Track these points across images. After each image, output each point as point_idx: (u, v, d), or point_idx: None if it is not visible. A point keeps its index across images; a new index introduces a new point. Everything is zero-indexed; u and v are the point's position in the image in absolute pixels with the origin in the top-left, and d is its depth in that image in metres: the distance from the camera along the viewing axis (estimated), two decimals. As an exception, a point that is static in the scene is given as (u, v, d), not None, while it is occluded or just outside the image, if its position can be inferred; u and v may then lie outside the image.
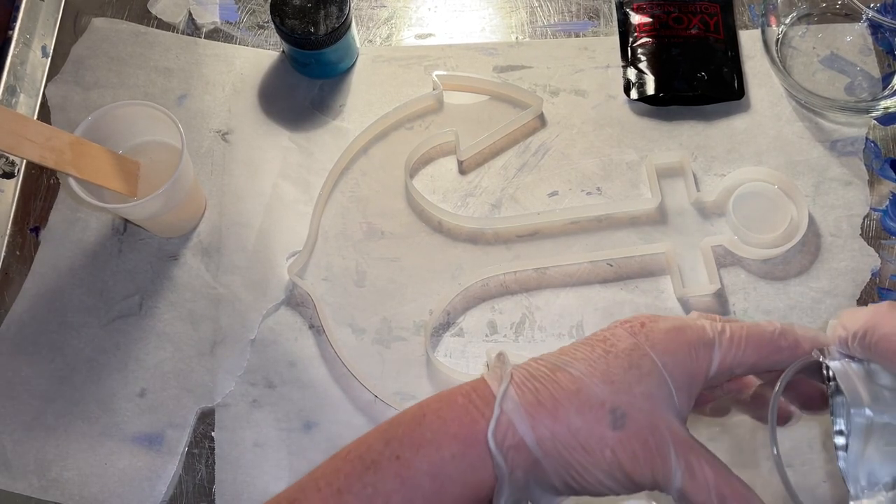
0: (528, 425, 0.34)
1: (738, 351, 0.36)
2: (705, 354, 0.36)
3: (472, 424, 0.34)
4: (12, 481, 0.52)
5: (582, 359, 0.36)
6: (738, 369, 0.36)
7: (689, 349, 0.35)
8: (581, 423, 0.34)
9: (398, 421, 0.36)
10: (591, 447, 0.34)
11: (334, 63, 0.61)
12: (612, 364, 0.35)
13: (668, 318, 0.37)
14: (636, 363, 0.35)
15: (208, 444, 0.53)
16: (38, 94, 0.63)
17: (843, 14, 0.62)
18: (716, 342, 0.36)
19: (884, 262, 0.56)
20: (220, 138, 0.61)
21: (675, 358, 0.35)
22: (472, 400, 0.35)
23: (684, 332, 0.36)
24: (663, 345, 0.35)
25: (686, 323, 0.37)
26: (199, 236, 0.58)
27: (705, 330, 0.36)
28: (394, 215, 0.58)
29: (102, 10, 0.65)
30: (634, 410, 0.34)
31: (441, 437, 0.35)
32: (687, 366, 0.35)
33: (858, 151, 0.58)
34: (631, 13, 0.63)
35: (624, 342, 0.36)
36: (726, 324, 0.37)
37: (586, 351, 0.36)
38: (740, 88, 0.60)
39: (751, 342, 0.36)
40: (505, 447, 0.34)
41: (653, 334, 0.36)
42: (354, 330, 0.55)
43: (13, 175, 0.61)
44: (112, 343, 0.55)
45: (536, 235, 0.57)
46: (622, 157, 0.59)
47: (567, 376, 0.35)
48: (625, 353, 0.35)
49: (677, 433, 0.34)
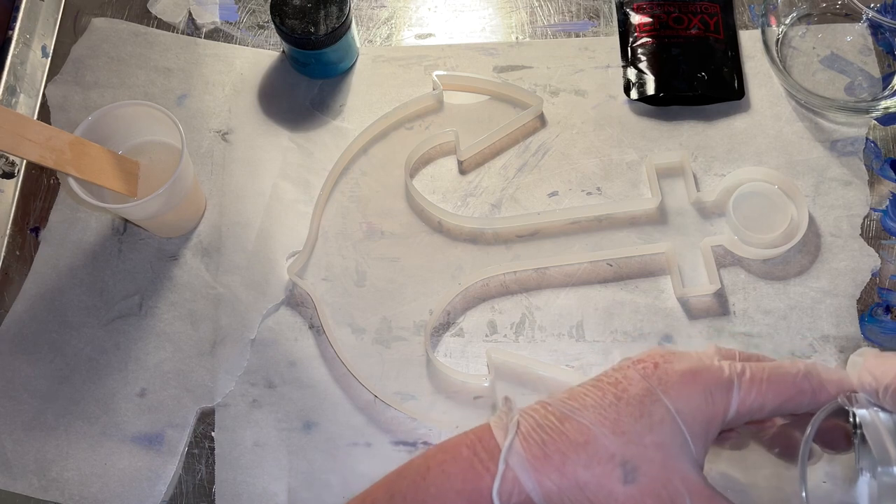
0: (534, 481, 0.33)
1: (758, 394, 0.34)
2: (723, 398, 0.34)
3: (477, 480, 0.33)
4: (12, 481, 0.52)
5: (592, 406, 0.34)
6: (758, 413, 0.34)
7: (706, 393, 0.33)
8: (590, 477, 0.32)
9: (403, 473, 0.35)
10: (601, 503, 0.32)
11: (334, 63, 0.61)
12: (623, 412, 0.33)
13: (683, 357, 0.35)
14: (648, 411, 0.33)
15: (208, 444, 0.53)
16: (38, 94, 0.63)
17: (843, 14, 0.62)
18: (735, 384, 0.34)
19: (884, 262, 0.56)
20: (220, 138, 0.61)
21: (691, 403, 0.33)
22: (476, 453, 0.34)
23: (701, 375, 0.34)
24: (677, 389, 0.34)
25: (703, 364, 0.34)
26: (199, 236, 0.58)
27: (723, 371, 0.34)
28: (394, 215, 0.58)
29: (102, 10, 0.65)
30: (646, 463, 0.32)
31: (445, 493, 0.33)
32: (703, 411, 0.33)
33: (858, 151, 0.58)
34: (631, 13, 0.63)
35: (636, 386, 0.34)
36: (747, 364, 0.35)
37: (597, 396, 0.34)
38: (740, 88, 0.60)
39: (772, 385, 0.34)
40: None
41: (666, 377, 0.34)
42: (354, 330, 0.55)
43: (13, 175, 0.61)
44: (112, 343, 0.55)
45: (536, 235, 0.57)
46: (622, 157, 0.59)
47: (575, 426, 0.33)
48: (636, 399, 0.34)
49: (693, 484, 0.32)
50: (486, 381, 0.53)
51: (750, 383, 0.34)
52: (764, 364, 0.35)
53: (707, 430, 0.33)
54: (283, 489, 0.51)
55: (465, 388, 0.53)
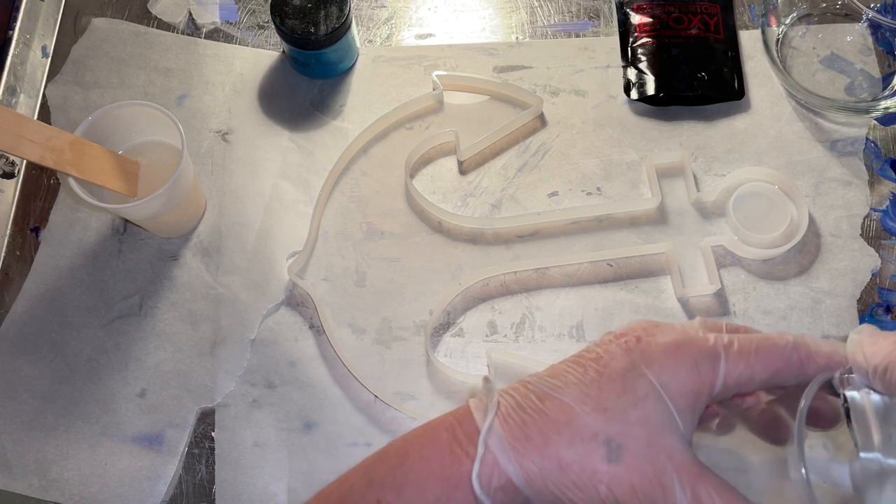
0: (515, 463, 0.31)
1: (746, 366, 0.32)
2: (710, 369, 0.32)
3: (457, 464, 0.32)
4: (12, 481, 0.52)
5: (573, 382, 0.33)
6: (746, 386, 0.33)
7: (692, 365, 0.32)
8: (573, 457, 0.31)
9: (381, 457, 0.34)
10: (584, 484, 0.31)
11: (334, 63, 0.61)
12: (606, 389, 0.32)
13: (667, 329, 0.34)
14: (631, 386, 0.32)
15: (208, 444, 0.53)
16: (38, 94, 0.63)
17: (843, 14, 0.62)
18: (721, 356, 0.32)
19: (884, 262, 0.56)
20: (220, 138, 0.61)
21: (676, 376, 0.32)
22: (455, 436, 0.33)
23: (686, 347, 0.33)
24: (661, 362, 0.32)
25: (688, 335, 0.33)
26: (199, 236, 0.58)
27: (709, 343, 0.33)
28: (394, 215, 0.58)
29: (102, 10, 0.65)
30: (630, 440, 0.31)
31: (424, 479, 0.32)
32: (689, 384, 0.32)
33: (858, 151, 0.58)
34: (631, 13, 0.63)
35: (618, 361, 0.33)
36: (734, 335, 0.34)
37: (578, 373, 0.33)
38: (740, 88, 0.60)
39: (760, 356, 0.32)
40: (491, 488, 0.32)
41: (649, 350, 0.33)
42: (354, 330, 0.55)
43: (13, 175, 0.61)
44: (112, 343, 0.55)
45: (536, 235, 0.57)
46: (622, 157, 0.59)
47: (557, 405, 0.32)
48: (619, 374, 0.32)
49: (681, 460, 0.31)
50: (486, 381, 0.53)
51: (738, 355, 0.32)
52: (752, 336, 0.33)
53: (694, 403, 0.32)
54: (283, 489, 0.51)
55: (465, 388, 0.53)
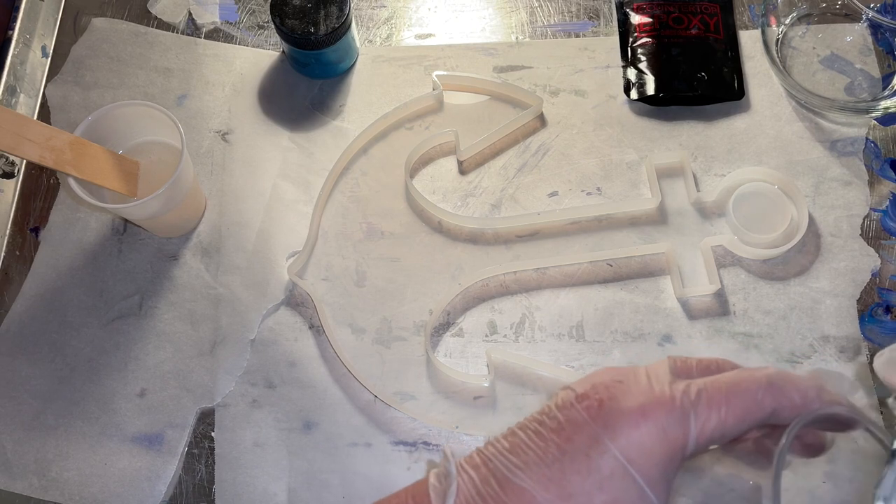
0: None
1: (717, 420, 0.31)
2: (679, 432, 0.30)
3: None
4: (12, 481, 0.52)
5: (535, 462, 0.31)
6: (719, 440, 0.31)
7: (659, 431, 0.30)
8: None
9: None
10: None
11: (334, 63, 0.61)
12: (569, 470, 0.30)
13: (630, 390, 0.32)
14: (596, 466, 0.30)
15: (208, 444, 0.53)
16: (38, 94, 0.63)
17: (843, 14, 0.62)
18: (690, 415, 0.30)
19: (884, 262, 0.56)
20: (220, 138, 0.61)
21: (643, 447, 0.30)
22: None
23: (651, 411, 0.31)
24: (626, 433, 0.30)
25: (653, 396, 0.31)
26: (199, 236, 0.58)
27: (675, 403, 0.31)
28: (394, 215, 0.58)
29: (102, 10, 0.65)
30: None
31: None
32: (659, 452, 0.30)
33: (858, 151, 0.58)
34: (631, 13, 0.63)
35: (581, 434, 0.31)
36: (703, 386, 0.31)
37: (539, 449, 0.31)
38: (740, 88, 0.60)
39: (731, 406, 0.31)
40: None
41: (612, 420, 0.31)
42: (354, 330, 0.55)
43: (13, 175, 0.61)
44: (112, 343, 0.55)
45: (536, 235, 0.57)
46: (622, 157, 0.59)
47: (518, 493, 0.30)
48: (582, 451, 0.30)
49: None
50: (486, 381, 0.53)
51: (707, 409, 0.31)
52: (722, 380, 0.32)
53: (665, 471, 0.31)
54: (283, 489, 0.51)
55: (465, 388, 0.53)
